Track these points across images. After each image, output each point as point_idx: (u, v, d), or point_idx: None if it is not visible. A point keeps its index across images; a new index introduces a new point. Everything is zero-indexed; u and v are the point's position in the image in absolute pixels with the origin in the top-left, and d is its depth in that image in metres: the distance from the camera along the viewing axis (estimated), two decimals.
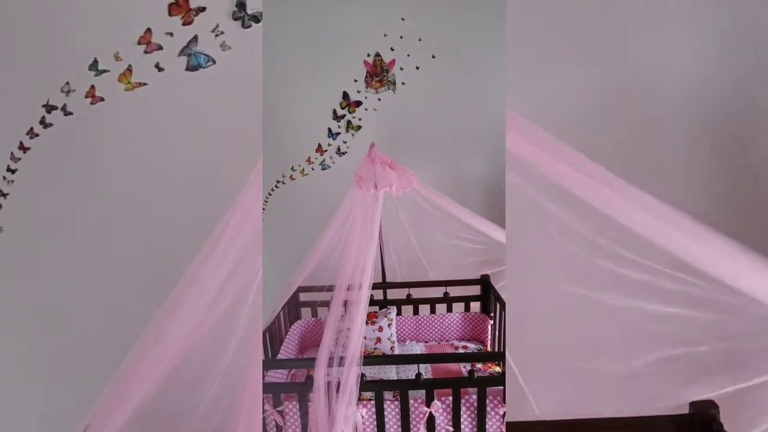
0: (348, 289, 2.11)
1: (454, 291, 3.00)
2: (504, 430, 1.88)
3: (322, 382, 1.83)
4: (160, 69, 1.40)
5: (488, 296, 2.94)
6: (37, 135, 1.44)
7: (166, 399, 1.20)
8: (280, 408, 1.91)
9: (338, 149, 3.15)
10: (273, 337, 2.54)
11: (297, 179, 3.19)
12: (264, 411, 1.87)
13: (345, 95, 3.06)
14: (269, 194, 3.17)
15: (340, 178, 2.92)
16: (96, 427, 1.25)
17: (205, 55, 1.38)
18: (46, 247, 1.51)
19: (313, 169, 3.18)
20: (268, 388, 1.88)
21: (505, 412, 1.89)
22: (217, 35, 1.37)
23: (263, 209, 3.04)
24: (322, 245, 2.47)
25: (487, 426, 1.92)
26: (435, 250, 3.24)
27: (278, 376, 2.34)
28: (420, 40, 2.97)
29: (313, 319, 3.00)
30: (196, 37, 1.37)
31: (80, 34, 1.39)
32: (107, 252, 1.51)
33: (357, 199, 2.29)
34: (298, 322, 2.93)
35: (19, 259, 1.50)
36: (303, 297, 2.99)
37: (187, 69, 1.38)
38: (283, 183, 3.19)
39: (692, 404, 1.42)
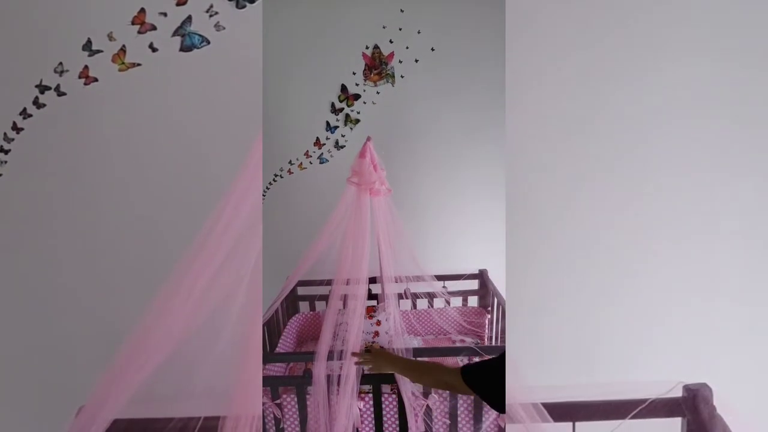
0: (347, 284, 2.11)
1: (452, 285, 2.99)
2: (501, 423, 1.88)
3: (322, 376, 1.82)
4: (154, 49, 1.38)
5: (486, 290, 2.93)
6: (30, 116, 1.42)
7: (161, 385, 1.19)
8: (278, 401, 1.90)
9: (336, 143, 3.13)
10: (271, 330, 2.54)
11: (295, 173, 3.17)
12: (263, 404, 1.86)
13: (343, 88, 3.04)
14: (267, 188, 3.15)
15: (339, 171, 2.89)
16: (89, 410, 1.25)
17: (199, 35, 1.37)
18: (40, 229, 1.49)
19: (311, 163, 3.16)
20: (266, 381, 1.87)
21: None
22: (211, 15, 1.36)
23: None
24: (320, 239, 2.45)
25: (483, 418, 1.91)
26: (433, 245, 3.24)
27: (276, 369, 2.33)
28: (419, 32, 2.95)
29: (311, 312, 3.00)
30: (190, 17, 1.36)
31: (74, 14, 1.38)
32: (101, 235, 1.50)
33: (355, 194, 2.27)
34: (296, 315, 2.93)
35: (11, 241, 1.49)
36: (301, 291, 2.98)
37: (181, 49, 1.37)
38: (281, 177, 3.17)
39: (686, 387, 1.42)
